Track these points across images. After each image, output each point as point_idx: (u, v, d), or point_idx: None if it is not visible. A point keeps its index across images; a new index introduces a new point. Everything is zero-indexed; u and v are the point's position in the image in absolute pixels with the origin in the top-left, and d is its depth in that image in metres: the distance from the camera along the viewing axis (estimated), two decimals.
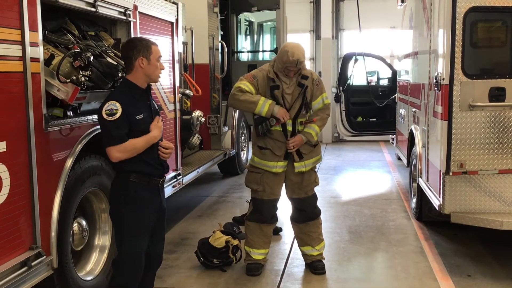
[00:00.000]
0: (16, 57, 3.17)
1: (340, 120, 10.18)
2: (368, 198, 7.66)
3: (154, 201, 3.45)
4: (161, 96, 5.50)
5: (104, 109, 3.21)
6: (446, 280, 4.61)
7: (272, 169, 4.63)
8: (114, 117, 3.18)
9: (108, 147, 3.24)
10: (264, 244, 4.83)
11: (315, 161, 4.74)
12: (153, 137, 3.34)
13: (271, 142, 4.62)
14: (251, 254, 4.81)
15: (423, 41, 6.10)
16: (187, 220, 6.60)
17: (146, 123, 3.34)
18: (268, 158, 4.63)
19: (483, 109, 4.73)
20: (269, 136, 4.60)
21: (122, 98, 3.28)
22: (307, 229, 4.82)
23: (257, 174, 4.70)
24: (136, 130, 3.28)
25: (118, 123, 3.20)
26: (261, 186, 4.68)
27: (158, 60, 3.39)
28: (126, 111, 3.23)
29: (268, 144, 4.63)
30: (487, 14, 4.84)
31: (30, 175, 3.29)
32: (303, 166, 4.65)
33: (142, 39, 3.53)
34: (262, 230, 4.80)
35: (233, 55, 8.99)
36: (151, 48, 3.35)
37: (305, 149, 4.66)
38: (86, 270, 4.17)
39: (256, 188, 4.70)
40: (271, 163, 4.63)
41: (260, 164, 4.68)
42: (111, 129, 3.21)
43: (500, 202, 4.81)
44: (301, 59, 4.39)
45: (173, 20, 5.80)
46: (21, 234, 3.26)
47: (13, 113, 3.16)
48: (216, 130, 8.13)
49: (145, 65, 3.32)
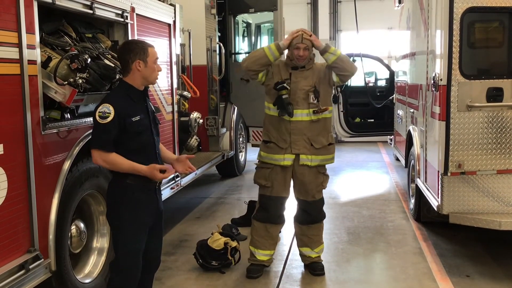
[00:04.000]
0: (13, 60, 3.16)
1: (338, 121, 10.19)
2: (366, 199, 7.66)
3: (151, 203, 3.44)
4: (159, 98, 5.49)
5: (98, 110, 3.23)
6: (445, 281, 4.61)
7: (280, 162, 4.58)
8: (105, 121, 3.19)
9: (93, 149, 3.27)
10: (269, 245, 4.79)
11: (322, 159, 4.64)
12: (143, 170, 3.26)
13: (275, 134, 4.60)
14: (255, 254, 4.77)
15: (420, 41, 6.11)
16: (185, 222, 6.59)
17: (142, 124, 3.34)
18: (274, 151, 4.60)
19: (480, 110, 4.73)
20: (273, 126, 4.59)
21: (118, 100, 3.28)
22: (309, 231, 4.79)
23: (266, 170, 4.65)
24: (132, 131, 3.27)
25: (108, 128, 3.20)
26: (269, 181, 4.63)
27: (155, 62, 3.39)
28: (121, 114, 3.23)
29: (272, 137, 4.62)
30: (484, 14, 4.84)
31: (27, 178, 3.29)
32: (308, 159, 4.57)
33: (139, 41, 3.52)
34: (268, 231, 4.75)
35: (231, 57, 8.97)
36: (147, 50, 3.34)
37: (317, 143, 4.59)
38: (85, 273, 4.16)
39: (265, 183, 4.65)
40: (278, 156, 4.59)
41: (267, 158, 4.65)
42: (99, 131, 3.25)
43: (498, 202, 4.81)
44: (307, 33, 4.51)
45: (171, 22, 5.79)
46: (18, 237, 3.25)
47: (11, 116, 3.15)
48: (214, 132, 8.12)
49: (142, 68, 3.32)
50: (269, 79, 4.63)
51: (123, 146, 3.27)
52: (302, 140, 4.57)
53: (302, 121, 4.56)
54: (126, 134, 3.26)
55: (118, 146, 3.26)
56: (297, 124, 4.55)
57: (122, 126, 3.24)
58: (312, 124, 4.58)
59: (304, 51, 4.50)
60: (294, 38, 4.51)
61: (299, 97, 4.55)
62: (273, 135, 4.63)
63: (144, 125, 3.35)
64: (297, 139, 4.56)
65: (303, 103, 4.54)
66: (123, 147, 3.28)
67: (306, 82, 4.57)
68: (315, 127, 4.60)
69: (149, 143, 3.42)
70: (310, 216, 4.75)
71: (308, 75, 4.60)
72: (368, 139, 12.35)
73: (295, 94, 4.54)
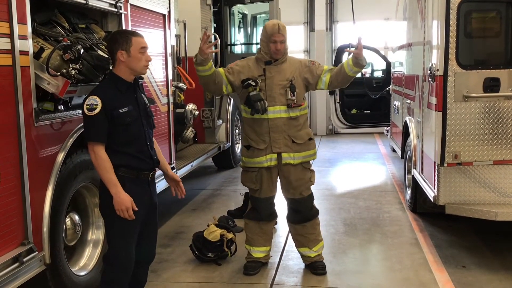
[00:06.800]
0: (5, 51, 3.12)
1: (334, 113, 10.15)
2: (363, 190, 7.66)
3: (144, 195, 3.41)
4: (154, 90, 5.45)
5: (85, 103, 3.21)
6: (441, 271, 4.61)
7: (264, 164, 4.43)
8: (93, 113, 3.18)
9: (88, 142, 3.25)
10: (264, 242, 4.72)
11: (305, 155, 4.47)
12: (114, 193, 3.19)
13: (254, 136, 4.43)
14: (251, 252, 4.71)
15: (417, 32, 6.08)
16: (181, 214, 6.57)
17: (131, 116, 3.30)
18: (256, 155, 4.44)
19: (477, 100, 4.71)
20: (251, 127, 4.42)
21: (105, 92, 3.27)
22: (304, 230, 4.64)
23: (252, 173, 4.51)
24: (120, 123, 3.25)
25: (97, 119, 3.19)
26: (257, 184, 4.51)
27: (141, 52, 3.30)
28: (108, 106, 3.21)
29: (251, 141, 4.44)
30: (481, 4, 4.83)
31: (21, 170, 3.26)
32: (291, 157, 4.42)
33: (124, 31, 3.49)
34: (261, 228, 4.69)
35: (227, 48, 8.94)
36: (131, 40, 3.28)
37: (299, 139, 4.43)
38: (80, 265, 4.14)
39: (253, 186, 4.53)
40: (260, 159, 4.43)
41: (250, 163, 4.49)
42: (89, 124, 3.23)
43: (495, 193, 4.80)
44: (281, 24, 4.32)
45: (165, 12, 5.74)
46: (12, 229, 3.22)
47: (3, 108, 3.12)
48: (210, 124, 8.10)
49: (126, 58, 3.27)
50: (235, 84, 4.43)
51: (113, 138, 3.25)
52: (282, 138, 4.38)
53: (280, 117, 4.35)
54: (115, 126, 3.24)
55: (109, 138, 3.25)
56: (275, 121, 4.35)
57: (110, 118, 3.22)
58: (290, 121, 4.39)
59: (281, 44, 4.31)
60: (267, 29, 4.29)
61: (276, 93, 4.34)
62: (252, 138, 4.44)
63: (133, 117, 3.31)
64: (277, 137, 4.37)
65: (280, 99, 4.34)
66: (114, 139, 3.26)
67: (281, 77, 4.36)
68: (294, 124, 4.42)
69: (140, 135, 3.38)
70: (300, 214, 4.61)
71: (282, 68, 4.39)
72: (365, 130, 12.34)
73: (271, 90, 4.34)
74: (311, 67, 4.48)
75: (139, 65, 3.32)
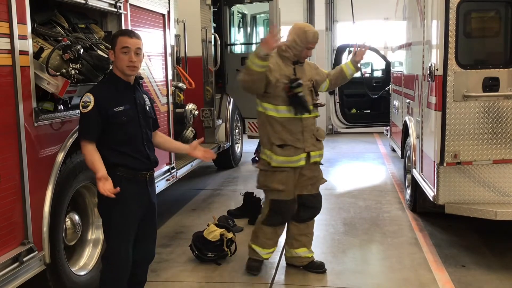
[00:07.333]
0: (5, 50, 3.12)
1: (334, 112, 10.16)
2: (362, 190, 7.66)
3: (142, 195, 3.42)
4: (154, 89, 5.46)
5: (81, 100, 3.27)
6: (440, 271, 4.62)
7: (298, 163, 4.41)
8: (86, 110, 3.23)
9: (79, 137, 3.32)
10: (274, 244, 4.71)
11: (322, 153, 4.60)
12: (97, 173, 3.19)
13: (289, 136, 4.37)
14: (260, 253, 4.66)
15: (416, 32, 6.08)
16: (181, 214, 6.57)
17: (127, 115, 3.31)
18: (293, 153, 4.37)
19: (477, 99, 4.72)
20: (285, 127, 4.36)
21: (101, 90, 3.31)
22: (307, 230, 4.67)
23: (281, 173, 4.38)
24: (115, 122, 3.26)
25: (89, 116, 3.22)
26: (286, 185, 4.40)
27: (123, 52, 3.26)
28: (102, 104, 3.23)
29: (287, 140, 4.37)
30: (480, 4, 4.83)
31: (20, 170, 3.26)
32: (317, 155, 4.51)
33: (118, 31, 3.50)
34: (276, 233, 4.65)
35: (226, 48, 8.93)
36: (117, 39, 3.30)
37: (320, 136, 4.56)
38: (80, 265, 4.15)
39: (282, 188, 4.39)
40: (296, 158, 4.40)
41: (285, 163, 4.36)
42: (81, 121, 3.29)
43: (494, 193, 4.81)
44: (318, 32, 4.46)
45: (165, 12, 5.74)
46: (12, 229, 3.22)
47: (3, 107, 3.12)
48: (210, 123, 8.09)
49: (113, 58, 3.31)
50: (271, 82, 4.28)
51: (109, 136, 3.27)
52: (310, 138, 4.45)
53: (310, 117, 4.45)
54: (110, 125, 3.25)
55: (105, 136, 3.26)
56: (307, 121, 4.42)
57: (104, 116, 3.23)
58: (314, 120, 4.53)
59: None
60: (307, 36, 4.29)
61: (306, 93, 4.39)
62: (288, 138, 4.37)
63: (129, 116, 3.32)
64: (308, 137, 4.44)
65: (309, 99, 4.42)
66: (110, 137, 3.27)
67: (306, 77, 4.46)
68: (315, 123, 4.56)
69: (136, 134, 3.38)
70: (314, 209, 4.65)
71: (304, 69, 4.50)
72: (364, 130, 12.35)
73: (303, 90, 4.37)
74: (317, 70, 4.68)
75: (122, 65, 3.29)
